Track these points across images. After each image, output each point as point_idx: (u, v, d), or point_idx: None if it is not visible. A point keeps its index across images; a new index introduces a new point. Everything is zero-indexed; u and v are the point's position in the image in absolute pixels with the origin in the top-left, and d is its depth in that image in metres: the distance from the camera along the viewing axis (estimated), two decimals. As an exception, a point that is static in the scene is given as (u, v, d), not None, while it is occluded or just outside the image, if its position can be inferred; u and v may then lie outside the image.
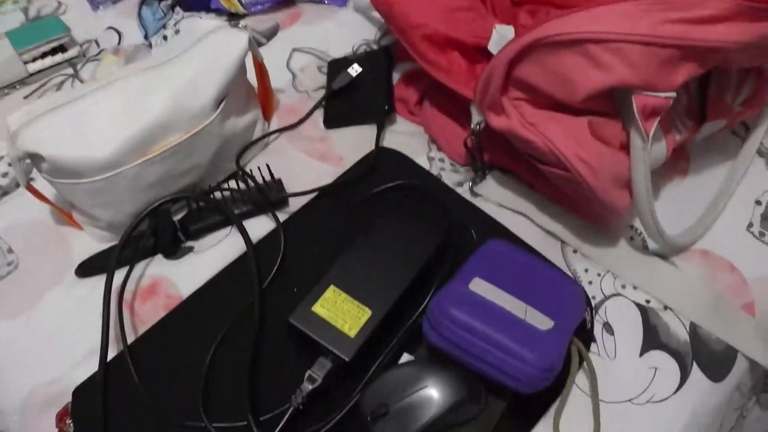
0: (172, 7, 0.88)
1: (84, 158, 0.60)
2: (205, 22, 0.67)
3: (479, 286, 0.55)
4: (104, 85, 0.63)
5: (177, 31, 0.86)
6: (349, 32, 0.85)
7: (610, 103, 0.60)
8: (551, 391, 0.56)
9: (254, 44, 0.67)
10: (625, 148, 0.61)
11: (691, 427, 0.58)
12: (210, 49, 0.65)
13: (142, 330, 0.62)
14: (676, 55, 0.56)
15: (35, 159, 0.61)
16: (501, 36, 0.68)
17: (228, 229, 0.68)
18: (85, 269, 0.66)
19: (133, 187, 0.63)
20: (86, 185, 0.62)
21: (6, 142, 0.61)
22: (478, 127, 0.66)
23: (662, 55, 0.55)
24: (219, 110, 0.65)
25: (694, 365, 0.60)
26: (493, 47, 0.68)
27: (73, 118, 0.61)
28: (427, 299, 0.60)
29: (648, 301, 0.63)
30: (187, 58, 0.64)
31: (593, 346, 0.60)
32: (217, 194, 0.67)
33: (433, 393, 0.53)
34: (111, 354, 0.60)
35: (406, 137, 0.74)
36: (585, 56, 0.56)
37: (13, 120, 0.60)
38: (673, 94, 0.57)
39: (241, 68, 0.67)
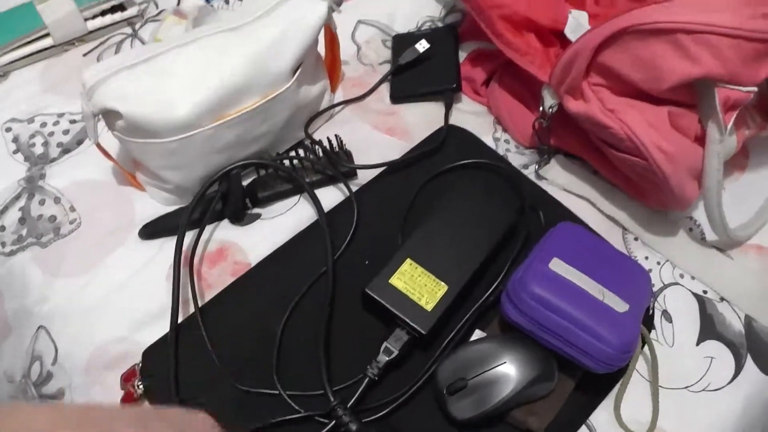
0: (232, -29, 0.87)
1: (162, 117, 0.59)
2: (283, -14, 0.67)
3: (559, 267, 0.55)
4: (182, 44, 0.62)
5: (239, -5, 0.85)
6: (413, 7, 0.84)
7: (690, 95, 0.61)
8: (613, 374, 0.57)
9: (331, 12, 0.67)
10: (700, 139, 0.61)
11: (744, 418, 0.59)
12: (289, 15, 0.64)
13: (209, 294, 0.62)
14: (763, 49, 0.56)
15: (110, 116, 0.61)
16: (576, 21, 0.68)
17: (295, 197, 0.68)
18: (150, 231, 0.65)
19: (206, 150, 0.63)
20: (160, 145, 0.61)
21: (81, 98, 0.60)
22: (550, 110, 0.66)
23: (751, 49, 0.56)
24: (295, 77, 0.65)
25: (749, 357, 0.61)
26: (570, 32, 0.68)
27: (151, 76, 0.60)
28: (501, 277, 0.60)
29: (705, 292, 0.64)
30: (267, 22, 0.63)
31: (653, 333, 0.61)
32: (286, 162, 0.67)
33: (511, 369, 0.53)
34: (179, 317, 0.59)
35: (471, 116, 0.75)
36: (675, 46, 0.56)
37: (89, 75, 0.59)
38: (755, 89, 0.58)
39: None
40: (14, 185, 0.70)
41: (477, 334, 0.59)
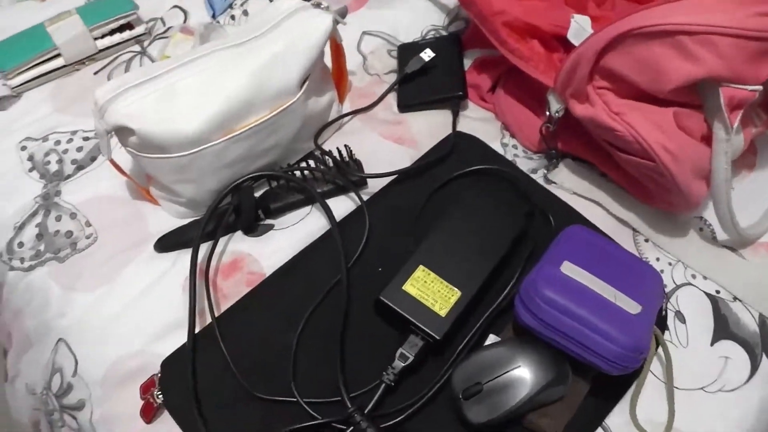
0: (238, -13, 0.88)
1: (172, 133, 0.60)
2: (288, 1, 0.68)
3: (570, 270, 0.56)
4: (189, 60, 0.63)
5: (245, 12, 0.86)
6: (416, 17, 0.86)
7: (694, 95, 0.61)
8: (628, 376, 0.57)
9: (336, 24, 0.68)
10: (706, 139, 0.62)
11: (761, 418, 0.59)
12: (295, 29, 0.65)
13: (224, 305, 0.62)
14: (765, 48, 0.57)
15: (123, 133, 0.62)
16: (579, 26, 0.69)
17: (307, 208, 0.68)
18: (165, 244, 0.66)
19: (217, 164, 0.64)
20: (172, 160, 0.62)
21: (93, 116, 0.61)
22: (556, 114, 0.66)
23: (752, 48, 0.56)
24: (303, 89, 0.66)
25: (764, 357, 0.61)
26: (573, 36, 0.69)
27: (161, 93, 0.61)
28: (513, 281, 0.61)
29: (718, 292, 0.65)
30: (273, 37, 0.65)
31: (666, 334, 0.62)
32: (297, 173, 0.68)
33: (526, 373, 0.54)
34: (196, 328, 0.60)
35: (478, 123, 0.75)
36: (676, 47, 0.57)
37: (101, 94, 0.61)
38: (760, 87, 0.59)
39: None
40: (31, 202, 0.71)
41: (491, 338, 0.59)
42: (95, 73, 0.81)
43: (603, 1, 0.81)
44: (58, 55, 0.80)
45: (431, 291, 0.58)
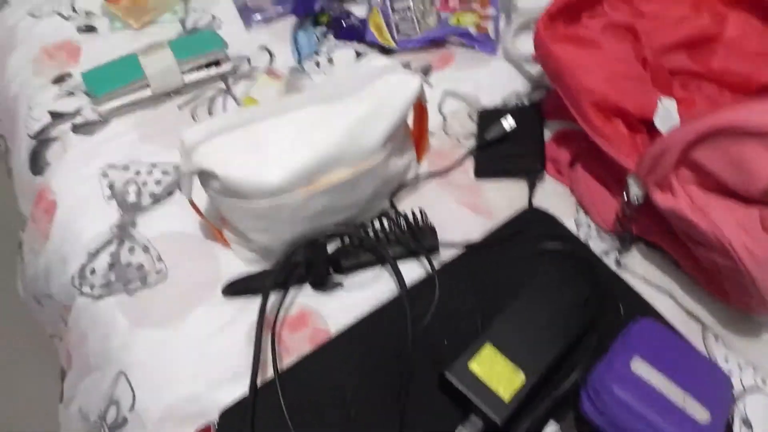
0: (324, 34, 0.90)
1: (256, 181, 0.61)
2: (378, 60, 0.69)
3: (640, 367, 0.55)
4: (279, 112, 0.64)
5: (330, 59, 0.88)
6: (499, 82, 0.86)
7: (784, 198, 0.60)
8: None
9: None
10: (791, 243, 0.60)
11: None
12: (384, 89, 0.66)
13: (286, 359, 0.63)
14: None
15: (207, 176, 0.63)
16: (666, 109, 0.68)
17: (377, 268, 0.68)
18: (233, 290, 0.67)
19: (295, 216, 0.64)
20: (252, 208, 0.63)
21: (180, 156, 0.63)
22: (636, 199, 0.65)
23: None
24: (386, 150, 0.66)
25: (835, 475, 0.59)
26: (659, 121, 0.68)
27: (249, 142, 0.62)
28: (578, 369, 0.60)
29: (789, 400, 0.62)
30: (363, 96, 0.65)
31: (731, 441, 0.60)
32: (371, 233, 0.68)
33: (586, 470, 0.53)
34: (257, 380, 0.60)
35: (554, 197, 0.75)
36: (772, 149, 0.56)
37: (189, 136, 0.62)
38: None
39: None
40: (107, 231, 0.72)
41: (551, 424, 0.58)
42: (179, 107, 0.83)
43: (688, 82, 0.80)
44: (146, 86, 0.82)
45: (496, 372, 0.57)
